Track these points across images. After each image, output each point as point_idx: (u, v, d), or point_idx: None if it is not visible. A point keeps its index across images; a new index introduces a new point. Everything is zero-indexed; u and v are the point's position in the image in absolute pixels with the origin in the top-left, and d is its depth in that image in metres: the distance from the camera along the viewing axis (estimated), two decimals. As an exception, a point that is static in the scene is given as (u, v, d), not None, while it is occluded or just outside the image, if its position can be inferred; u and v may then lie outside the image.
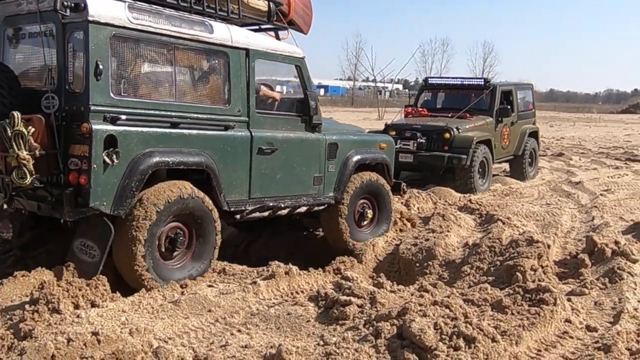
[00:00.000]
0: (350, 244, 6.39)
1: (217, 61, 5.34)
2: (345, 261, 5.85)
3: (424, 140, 10.27)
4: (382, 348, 3.49)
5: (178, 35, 4.86)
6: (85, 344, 3.33)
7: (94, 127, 4.29)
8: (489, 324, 3.71)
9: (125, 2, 4.57)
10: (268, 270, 4.73)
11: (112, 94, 4.46)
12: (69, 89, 4.47)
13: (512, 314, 4.03)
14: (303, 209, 6.05)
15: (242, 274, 4.89)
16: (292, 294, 4.51)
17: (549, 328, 3.90)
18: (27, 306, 3.71)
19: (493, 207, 7.95)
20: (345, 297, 4.10)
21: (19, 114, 4.21)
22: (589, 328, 4.06)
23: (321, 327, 3.89)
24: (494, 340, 3.49)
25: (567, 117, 49.05)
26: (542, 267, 5.06)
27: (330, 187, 6.22)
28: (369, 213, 6.66)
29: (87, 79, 4.33)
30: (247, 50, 5.37)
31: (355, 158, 6.40)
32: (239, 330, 3.86)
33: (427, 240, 6.13)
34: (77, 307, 3.85)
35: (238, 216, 5.43)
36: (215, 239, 5.08)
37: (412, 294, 4.50)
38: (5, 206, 4.61)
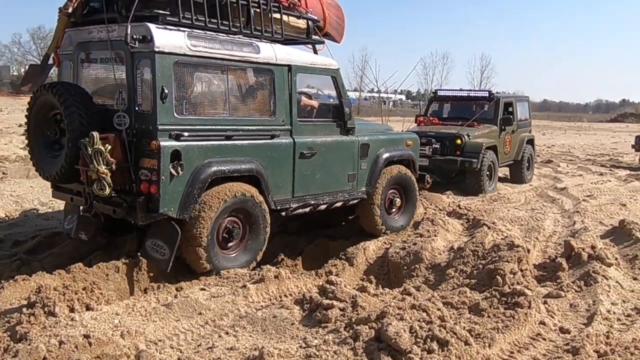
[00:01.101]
0: (382, 229, 6.70)
1: (263, 78, 5.54)
2: (337, 264, 5.75)
3: (438, 146, 10.45)
4: (360, 350, 3.41)
5: (230, 57, 5.07)
6: (76, 347, 3.26)
7: (162, 143, 4.55)
8: (463, 327, 3.61)
9: (184, 31, 4.75)
10: (258, 274, 4.64)
11: (175, 114, 4.67)
12: (138, 110, 4.68)
13: (489, 316, 3.93)
14: (339, 204, 6.30)
15: (235, 277, 4.81)
16: (280, 297, 4.42)
17: (523, 330, 3.79)
18: (24, 309, 3.66)
19: (480, 212, 7.82)
20: (328, 301, 4.01)
21: (97, 134, 4.46)
22: (562, 330, 3.95)
23: (304, 329, 3.81)
24: (466, 343, 3.39)
25: (559, 125, 48.72)
26: (522, 270, 4.94)
27: (363, 183, 6.51)
28: (398, 201, 6.97)
29: (155, 102, 4.54)
30: (289, 66, 5.59)
31: (385, 155, 6.69)
32: (227, 333, 3.78)
33: (415, 244, 6.03)
34: (72, 310, 3.78)
35: (283, 213, 5.69)
36: (265, 230, 5.35)
37: (394, 297, 4.40)
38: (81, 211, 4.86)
